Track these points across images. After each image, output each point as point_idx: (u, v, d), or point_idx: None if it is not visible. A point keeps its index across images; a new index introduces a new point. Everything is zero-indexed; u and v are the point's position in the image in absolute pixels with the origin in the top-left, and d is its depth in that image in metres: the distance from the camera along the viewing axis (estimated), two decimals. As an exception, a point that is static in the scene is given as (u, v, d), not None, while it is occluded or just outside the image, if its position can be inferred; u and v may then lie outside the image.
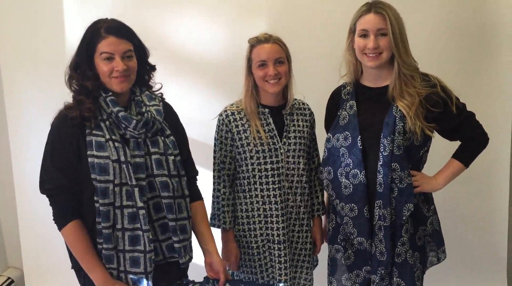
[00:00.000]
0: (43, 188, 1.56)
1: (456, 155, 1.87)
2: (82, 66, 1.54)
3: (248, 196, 1.93)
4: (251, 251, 1.96)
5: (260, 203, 1.91)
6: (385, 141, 1.73)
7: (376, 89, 1.83)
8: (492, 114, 2.50)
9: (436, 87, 1.74)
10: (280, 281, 1.91)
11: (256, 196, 1.91)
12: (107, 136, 1.53)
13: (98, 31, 1.52)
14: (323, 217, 2.08)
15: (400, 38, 1.72)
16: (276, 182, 1.89)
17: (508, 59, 2.53)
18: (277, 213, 1.90)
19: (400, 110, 1.73)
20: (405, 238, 1.78)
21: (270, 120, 1.91)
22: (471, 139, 1.84)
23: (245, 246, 1.97)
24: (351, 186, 1.80)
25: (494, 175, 2.66)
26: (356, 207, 1.80)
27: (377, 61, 1.75)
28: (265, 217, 1.92)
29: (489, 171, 2.63)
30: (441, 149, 1.91)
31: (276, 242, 1.91)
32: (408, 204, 1.75)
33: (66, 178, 1.53)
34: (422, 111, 1.73)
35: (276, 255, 1.91)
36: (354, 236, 1.84)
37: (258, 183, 1.90)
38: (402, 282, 1.80)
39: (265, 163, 1.89)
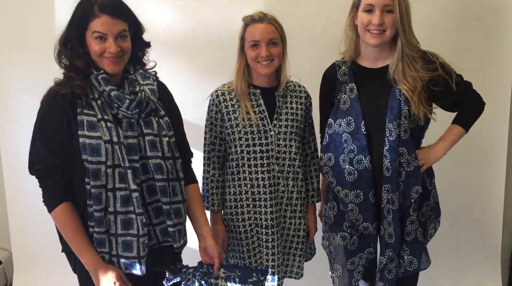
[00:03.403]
0: (33, 169, 1.51)
1: (456, 121, 1.87)
2: (73, 42, 1.48)
3: (236, 179, 1.89)
4: (239, 236, 1.93)
5: (249, 186, 1.88)
6: (391, 125, 1.71)
7: (375, 70, 1.79)
8: (490, 99, 2.47)
9: (438, 69, 1.71)
10: (267, 267, 1.88)
11: (245, 178, 1.88)
12: (99, 116, 1.48)
13: (91, 8, 1.45)
14: (317, 204, 2.05)
15: (406, 16, 1.68)
16: (265, 165, 1.85)
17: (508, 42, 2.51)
18: (265, 196, 1.86)
19: (403, 93, 1.70)
20: (413, 217, 1.79)
21: (261, 101, 1.87)
22: (470, 108, 1.85)
23: (233, 230, 1.94)
24: (355, 172, 1.78)
25: (491, 163, 2.65)
26: (361, 193, 1.79)
27: (380, 39, 1.71)
28: (253, 201, 1.88)
29: (485, 158, 2.63)
30: (438, 135, 1.91)
31: (264, 226, 1.88)
32: (416, 186, 1.75)
33: (57, 158, 1.48)
34: (424, 95, 1.71)
35: (264, 240, 1.88)
36: (360, 222, 1.83)
37: (246, 165, 1.87)
38: (414, 259, 1.82)
39: (254, 145, 1.85)
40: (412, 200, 1.75)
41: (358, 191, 1.79)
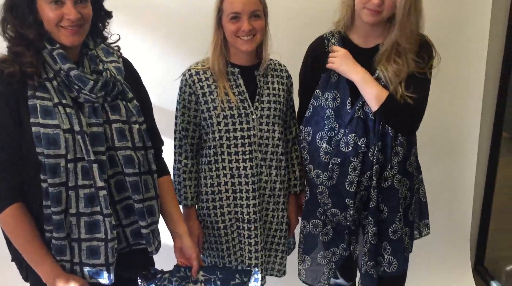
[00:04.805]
0: None
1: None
2: (21, 8, 1.24)
3: (214, 168, 1.72)
4: (217, 232, 1.76)
5: (228, 176, 1.71)
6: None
7: (365, 51, 1.67)
8: (463, 92, 2.51)
9: (427, 65, 1.61)
10: (250, 266, 1.73)
11: (224, 168, 1.70)
12: (56, 100, 1.27)
13: None
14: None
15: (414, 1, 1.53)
16: (247, 152, 1.69)
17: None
18: (247, 188, 1.70)
19: (382, 79, 1.60)
20: (401, 214, 1.69)
21: (241, 81, 1.70)
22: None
23: (210, 226, 1.77)
24: (332, 152, 1.65)
25: (463, 144, 2.64)
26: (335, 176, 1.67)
27: (377, 18, 1.57)
28: (233, 193, 1.72)
29: (457, 142, 2.62)
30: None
31: (246, 221, 1.72)
32: (396, 147, 1.63)
33: (3, 152, 1.26)
34: (404, 78, 1.59)
35: (246, 236, 1.73)
36: (329, 207, 1.71)
37: (226, 153, 1.69)
38: (394, 259, 1.72)
39: (235, 130, 1.68)
40: (394, 162, 1.64)
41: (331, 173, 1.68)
